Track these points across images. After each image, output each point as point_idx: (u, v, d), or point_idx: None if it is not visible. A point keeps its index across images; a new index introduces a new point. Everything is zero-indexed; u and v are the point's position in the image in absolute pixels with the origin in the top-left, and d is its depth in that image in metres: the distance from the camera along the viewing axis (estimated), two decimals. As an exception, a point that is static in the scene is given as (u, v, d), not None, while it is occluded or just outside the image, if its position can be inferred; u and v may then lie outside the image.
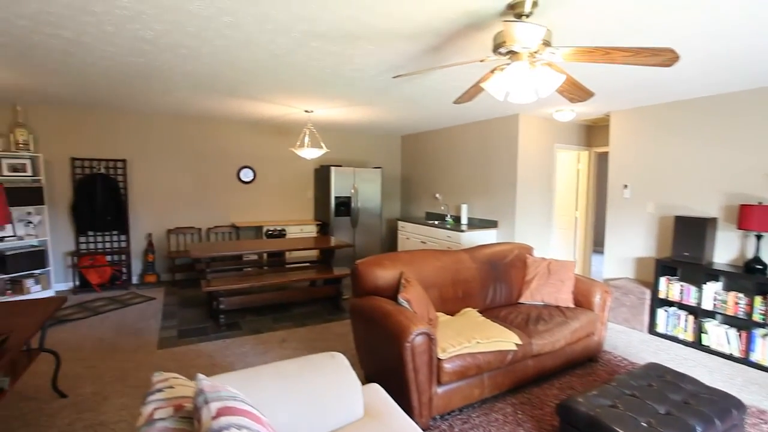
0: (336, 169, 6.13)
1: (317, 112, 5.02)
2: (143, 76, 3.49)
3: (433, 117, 5.42)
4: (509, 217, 5.31)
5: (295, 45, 2.67)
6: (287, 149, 6.49)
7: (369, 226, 6.53)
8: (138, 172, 5.59)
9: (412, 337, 2.29)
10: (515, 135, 5.16)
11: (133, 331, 3.90)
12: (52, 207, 5.14)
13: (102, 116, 5.33)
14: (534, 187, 5.37)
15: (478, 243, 5.37)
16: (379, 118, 5.55)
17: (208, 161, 6.00)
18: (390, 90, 3.87)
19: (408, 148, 7.50)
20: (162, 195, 5.76)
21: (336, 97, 4.21)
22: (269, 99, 4.33)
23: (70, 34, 2.52)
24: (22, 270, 4.71)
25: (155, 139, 5.65)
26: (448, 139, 6.34)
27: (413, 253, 3.21)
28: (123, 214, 5.43)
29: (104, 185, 5.29)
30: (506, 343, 2.65)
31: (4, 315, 2.30)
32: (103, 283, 5.26)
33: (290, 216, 6.70)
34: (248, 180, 6.28)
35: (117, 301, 4.83)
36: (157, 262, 5.78)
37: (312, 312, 4.55)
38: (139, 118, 5.53)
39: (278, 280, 4.26)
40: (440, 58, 2.89)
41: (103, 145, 5.37)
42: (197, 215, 6.00)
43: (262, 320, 4.27)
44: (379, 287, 2.90)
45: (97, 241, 5.42)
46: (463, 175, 6.06)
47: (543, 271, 3.55)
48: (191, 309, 4.61)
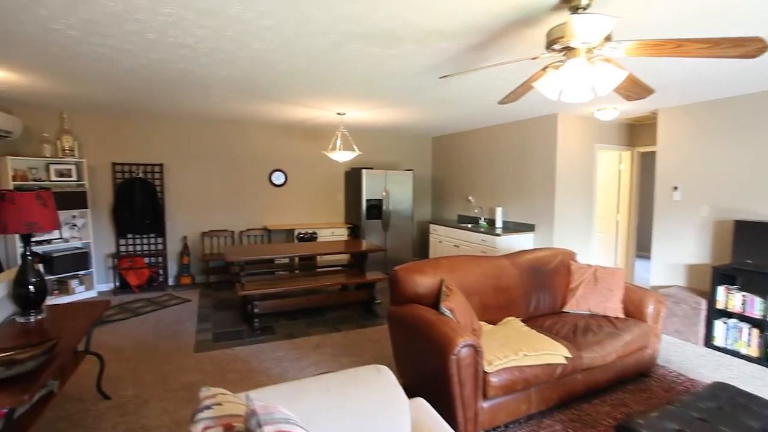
0: (367, 171, 6.08)
1: (349, 114, 4.98)
2: (181, 82, 3.53)
3: (467, 118, 5.29)
4: (547, 220, 5.11)
5: (332, 47, 2.61)
6: (318, 152, 6.49)
7: (400, 229, 6.44)
8: (174, 176, 5.71)
9: (458, 349, 2.18)
10: (554, 135, 4.95)
11: (170, 333, 3.95)
12: (95, 210, 5.31)
13: (140, 122, 5.47)
14: (573, 189, 5.14)
15: (514, 247, 5.19)
16: (411, 120, 5.46)
17: (240, 165, 6.07)
18: (425, 91, 3.77)
19: (439, 149, 7.38)
20: (196, 198, 5.86)
21: (370, 99, 4.15)
22: (302, 102, 4.31)
23: (115, 42, 2.55)
24: (68, 271, 4.88)
25: (190, 144, 5.76)
26: (482, 140, 6.18)
27: (453, 259, 3.10)
28: (160, 217, 5.55)
29: (143, 189, 5.43)
30: (555, 356, 2.51)
31: (54, 319, 2.34)
32: (141, 285, 5.40)
33: (321, 219, 6.69)
34: (280, 183, 6.32)
35: (154, 302, 4.93)
36: (192, 264, 5.89)
37: (345, 317, 4.50)
38: (175, 123, 5.65)
39: (312, 284, 4.23)
40: (481, 57, 2.78)
41: (141, 149, 5.51)
42: (230, 218, 6.08)
43: (295, 324, 4.25)
44: (419, 295, 2.80)
45: (136, 243, 5.57)
46: (497, 177, 5.88)
47: (589, 279, 3.36)
48: (225, 312, 4.64)
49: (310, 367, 3.29)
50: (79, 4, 2.05)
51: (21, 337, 2.11)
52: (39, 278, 2.34)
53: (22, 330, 2.19)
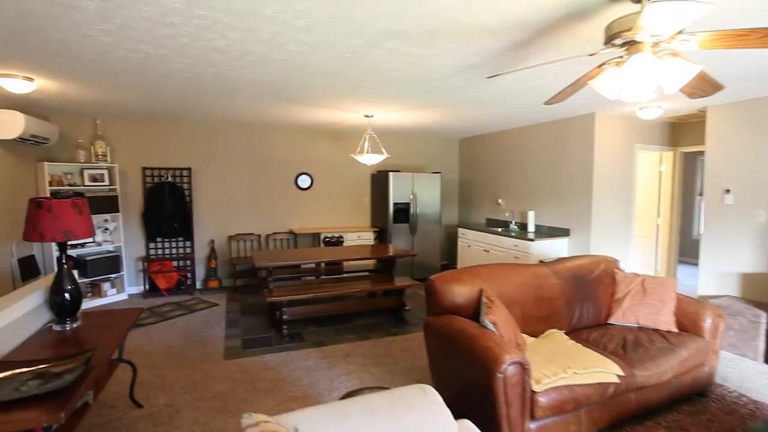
0: (394, 174, 5.97)
1: (377, 116, 4.88)
2: (211, 86, 3.50)
3: (498, 119, 5.11)
4: (583, 225, 4.88)
5: (368, 47, 2.51)
6: (344, 155, 6.43)
7: (428, 233, 6.30)
8: (201, 180, 5.74)
9: (505, 367, 2.04)
10: (591, 135, 4.73)
11: (199, 339, 3.93)
12: (126, 214, 5.38)
13: (169, 127, 5.52)
14: (612, 191, 4.89)
15: (547, 253, 4.98)
16: (440, 122, 5.32)
17: (266, 168, 6.06)
18: (459, 92, 3.63)
19: (466, 151, 7.20)
20: (223, 202, 5.88)
21: (401, 101, 4.04)
22: (331, 105, 4.24)
23: (149, 47, 2.53)
24: (100, 274, 4.95)
25: (217, 148, 5.78)
26: (513, 142, 5.98)
27: (492, 268, 2.95)
28: (188, 221, 5.58)
29: (171, 193, 5.47)
30: (607, 374, 2.33)
31: (89, 327, 2.32)
32: (170, 288, 5.43)
33: (347, 222, 6.62)
34: (306, 186, 6.28)
35: (183, 306, 4.94)
36: (219, 267, 5.90)
37: (374, 324, 4.40)
38: (203, 128, 5.68)
39: (342, 291, 4.15)
40: (522, 55, 2.63)
41: (170, 154, 5.56)
42: (257, 222, 6.07)
43: (324, 331, 4.17)
44: (457, 305, 2.67)
45: (165, 247, 5.61)
46: (529, 180, 5.67)
47: (637, 289, 3.15)
48: (253, 317, 4.61)
49: (341, 377, 3.19)
50: (113, 10, 2.01)
51: (57, 346, 2.08)
52: (74, 286, 2.32)
53: (58, 339, 2.17)
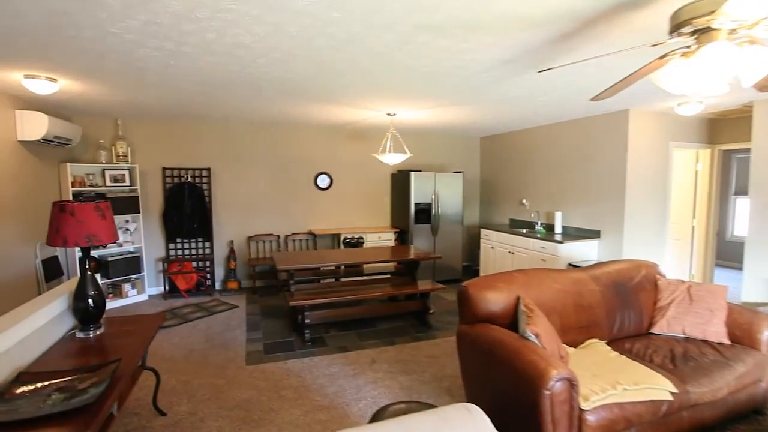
0: (416, 174, 5.83)
1: (400, 114, 4.75)
2: (234, 85, 3.42)
3: (525, 116, 4.92)
4: (615, 226, 4.66)
5: (401, 42, 2.38)
6: (363, 154, 6.31)
7: (450, 234, 6.14)
8: (221, 180, 5.69)
9: (552, 383, 1.89)
10: (624, 133, 4.51)
11: (220, 343, 3.86)
12: (146, 215, 5.36)
13: (189, 126, 5.48)
14: (645, 192, 4.67)
15: (576, 256, 4.78)
16: (463, 120, 5.16)
17: (286, 168, 5.98)
18: (490, 88, 3.47)
19: (488, 150, 7.01)
20: (242, 202, 5.82)
21: (427, 98, 3.89)
22: (353, 103, 4.12)
23: (172, 45, 2.44)
24: (121, 275, 4.94)
25: (236, 148, 5.72)
26: (538, 140, 5.78)
27: (528, 274, 2.79)
28: (208, 222, 5.54)
29: (191, 193, 5.43)
30: (659, 391, 2.16)
31: (113, 334, 2.25)
32: (189, 289, 5.40)
33: (367, 223, 6.51)
34: (325, 186, 6.18)
35: (203, 308, 4.89)
36: (238, 268, 5.85)
37: (398, 328, 4.27)
38: (222, 127, 5.63)
39: (366, 294, 4.03)
40: (565, 47, 2.46)
41: (189, 154, 5.52)
42: (276, 222, 6.00)
43: (347, 336, 4.06)
44: (492, 313, 2.53)
45: (184, 248, 5.58)
46: (556, 180, 5.47)
47: (682, 297, 2.96)
48: (274, 319, 4.53)
49: (368, 386, 3.08)
50: (138, 5, 1.92)
51: (81, 355, 2.01)
52: (98, 291, 2.25)
53: (82, 347, 2.09)
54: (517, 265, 5.37)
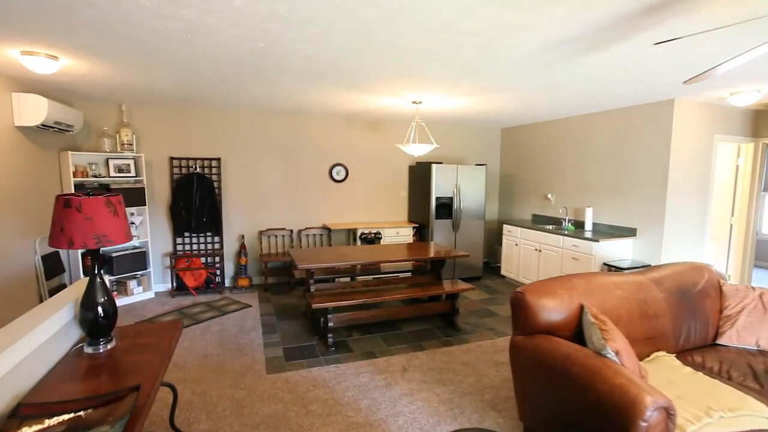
0: (437, 166, 5.51)
1: (426, 103, 4.42)
2: (255, 66, 3.08)
3: (560, 105, 4.59)
4: (654, 224, 4.37)
5: (458, 13, 2.05)
6: (380, 145, 5.99)
7: (471, 230, 5.84)
8: (231, 171, 5.37)
9: (649, 414, 1.60)
10: (668, 124, 4.20)
11: (236, 347, 3.58)
12: (152, 207, 5.05)
13: (198, 114, 5.14)
14: (687, 188, 4.37)
15: (613, 255, 4.50)
16: (490, 109, 4.83)
17: (300, 159, 5.66)
18: (534, 73, 3.15)
19: (509, 142, 6.69)
20: (254, 195, 5.50)
21: (462, 84, 3.57)
22: (381, 88, 3.79)
23: (192, 14, 2.11)
24: (126, 271, 4.64)
25: (248, 137, 5.39)
26: (568, 131, 5.46)
27: (587, 279, 2.50)
28: (217, 215, 5.23)
29: (200, 185, 5.11)
30: (760, 419, 1.88)
31: (126, 349, 1.95)
32: (198, 287, 5.10)
33: (383, 218, 6.20)
34: (340, 179, 5.86)
35: (214, 307, 4.60)
36: (249, 264, 5.55)
37: (425, 332, 3.99)
38: (233, 115, 5.29)
39: (393, 296, 3.73)
40: (644, 23, 2.14)
41: (199, 143, 5.19)
42: (289, 216, 5.69)
43: (371, 340, 3.78)
44: (553, 324, 2.24)
45: (192, 242, 5.28)
46: (587, 174, 5.16)
47: (754, 305, 2.67)
48: (290, 321, 4.24)
49: (403, 399, 2.80)
50: (158, -42, 1.59)
51: (91, 376, 1.71)
52: (108, 298, 1.94)
53: (91, 366, 1.79)
54: (544, 264, 5.08)
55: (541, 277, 5.13)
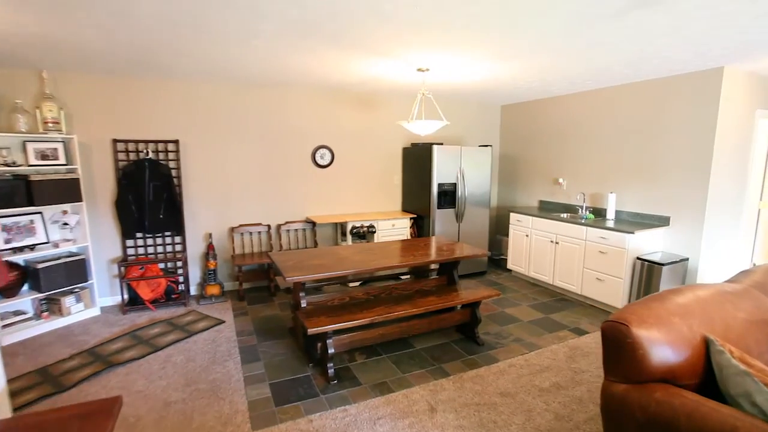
0: (439, 148, 4.76)
1: (434, 71, 3.63)
2: (220, 17, 2.19)
3: (588, 74, 3.93)
4: (693, 212, 3.84)
5: None
6: (370, 123, 5.16)
7: (475, 219, 5.17)
8: (193, 156, 4.41)
9: None
10: (715, 97, 3.62)
11: (208, 386, 2.75)
12: (92, 203, 4.04)
13: (149, 84, 4.12)
14: (727, 169, 3.85)
15: (644, 249, 3.95)
16: (506, 79, 4.10)
17: (277, 141, 4.75)
18: (582, 32, 2.43)
19: (511, 120, 6.02)
20: (223, 184, 4.57)
21: (490, 44, 2.80)
22: (382, 48, 2.96)
23: None
24: (60, 286, 3.66)
25: (214, 114, 4.42)
26: (584, 108, 4.83)
27: (693, 296, 1.85)
28: (177, 211, 4.28)
29: (154, 174, 4.13)
30: None
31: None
32: (156, 299, 4.18)
33: (376, 207, 5.42)
34: (325, 164, 5.01)
35: (177, 326, 3.71)
36: (220, 268, 4.66)
37: (441, 348, 3.31)
38: (195, 87, 4.30)
39: (406, 310, 2.99)
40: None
41: (150, 122, 4.18)
42: (265, 209, 4.81)
43: (380, 364, 3.05)
44: (672, 368, 1.58)
45: (147, 245, 4.31)
46: (610, 155, 4.57)
47: None
48: (275, 340, 3.44)
49: (441, 458, 2.10)
50: None
51: None
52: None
53: None
54: (562, 259, 4.50)
55: (558, 273, 4.54)
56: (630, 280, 3.95)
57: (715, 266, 4.00)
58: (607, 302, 4.07)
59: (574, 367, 3.04)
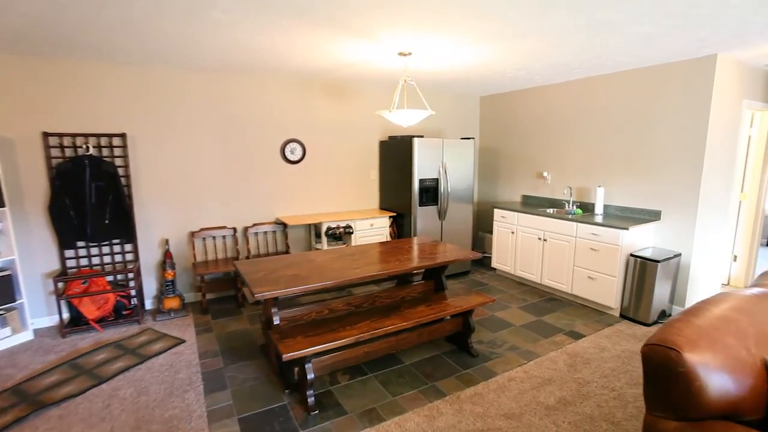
0: (420, 141, 4.42)
1: (418, 56, 3.28)
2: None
3: (578, 61, 3.70)
4: (685, 205, 3.70)
5: None
6: (345, 115, 4.76)
7: (459, 216, 4.89)
8: (144, 152, 3.86)
9: None
10: (708, 86, 3.47)
11: (164, 429, 2.31)
12: (19, 209, 3.44)
13: (88, 69, 3.54)
14: (717, 160, 3.74)
15: (639, 245, 3.79)
16: (492, 66, 3.81)
17: (241, 135, 4.26)
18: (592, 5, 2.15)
19: (491, 111, 5.77)
20: (180, 183, 4.04)
21: (489, 21, 2.47)
22: (359, 24, 2.58)
23: None
24: (-21, 309, 3.06)
25: (167, 104, 3.89)
26: (569, 98, 4.62)
27: (737, 307, 1.61)
28: (126, 215, 3.73)
29: (96, 172, 3.57)
30: None
31: None
32: (104, 317, 3.63)
33: (352, 206, 5.03)
34: (296, 159, 4.57)
35: (128, 350, 3.21)
36: (179, 277, 4.15)
37: (433, 362, 2.99)
38: (143, 72, 3.74)
39: (395, 323, 2.65)
40: None
41: (91, 113, 3.61)
42: (230, 210, 4.32)
43: (367, 385, 2.69)
44: (733, 401, 1.32)
45: (92, 255, 3.75)
46: (598, 148, 4.39)
47: None
48: (244, 362, 3.02)
49: (448, 507, 1.77)
50: None
51: None
52: None
53: None
54: (550, 256, 4.29)
55: (546, 271, 4.34)
56: (623, 278, 3.77)
57: (705, 261, 3.89)
58: (599, 301, 3.89)
59: (578, 377, 2.80)
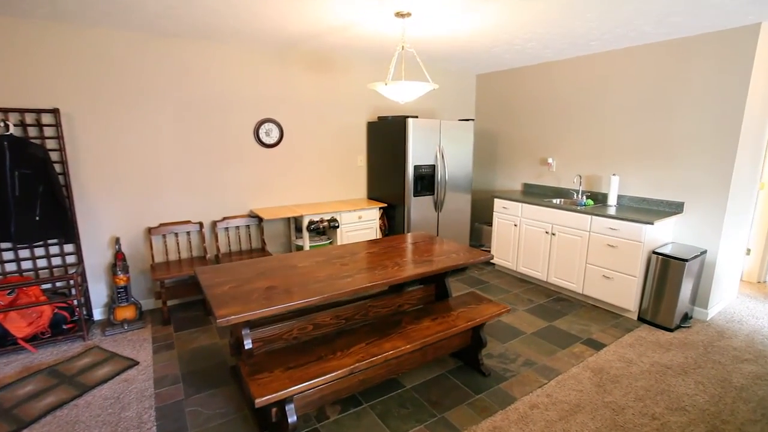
0: (415, 121, 3.87)
1: (417, 17, 2.70)
2: None
3: (597, 32, 3.19)
4: (714, 196, 3.31)
5: None
6: (328, 93, 4.15)
7: (456, 207, 4.40)
8: (85, 132, 3.18)
9: None
10: (748, 60, 3.03)
11: (102, 491, 1.76)
12: None
13: (9, 28, 2.81)
14: (747, 147, 3.34)
15: (660, 240, 3.39)
16: (499, 34, 3.27)
17: (208, 114, 3.61)
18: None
19: (488, 91, 5.24)
20: (134, 170, 3.39)
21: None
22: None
23: None
24: None
25: (113, 74, 3.19)
26: (579, 77, 4.13)
27: None
28: (63, 209, 3.07)
29: (19, 157, 2.89)
30: None
31: None
32: (37, 334, 3.01)
33: (337, 195, 4.46)
34: (272, 142, 3.95)
35: (65, 378, 2.61)
36: (134, 282, 3.53)
37: (439, 383, 2.52)
38: (83, 35, 3.03)
39: (397, 346, 2.14)
40: None
41: (11, 83, 2.90)
42: (195, 202, 3.69)
43: (361, 420, 2.20)
44: None
45: (21, 259, 3.08)
46: (612, 131, 3.94)
47: None
48: (211, 389, 2.48)
49: None
50: None
51: None
52: None
53: None
54: (558, 251, 3.86)
55: (554, 268, 3.91)
56: (643, 277, 3.38)
57: (730, 258, 3.54)
58: (615, 303, 3.50)
59: (609, 401, 2.38)
